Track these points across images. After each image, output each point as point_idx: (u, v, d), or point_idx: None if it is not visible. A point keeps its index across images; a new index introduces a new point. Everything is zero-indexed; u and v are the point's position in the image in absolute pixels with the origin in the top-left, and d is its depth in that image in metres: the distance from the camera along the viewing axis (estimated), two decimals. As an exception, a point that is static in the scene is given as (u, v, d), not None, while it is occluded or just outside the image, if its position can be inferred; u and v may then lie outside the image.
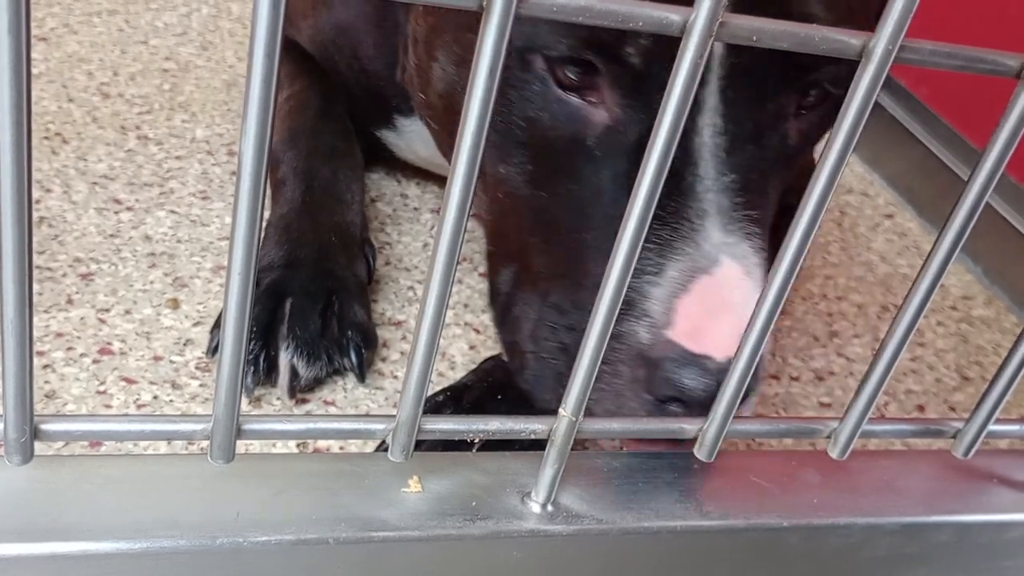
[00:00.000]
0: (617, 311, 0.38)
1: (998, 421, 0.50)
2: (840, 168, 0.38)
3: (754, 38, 0.34)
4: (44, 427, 0.37)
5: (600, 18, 0.33)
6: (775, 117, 0.55)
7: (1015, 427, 0.52)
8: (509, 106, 0.56)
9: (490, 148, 0.58)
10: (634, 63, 0.51)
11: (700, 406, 0.51)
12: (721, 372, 0.49)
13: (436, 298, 0.37)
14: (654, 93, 0.51)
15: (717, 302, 0.51)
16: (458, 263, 0.36)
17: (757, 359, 0.42)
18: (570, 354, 0.55)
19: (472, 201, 0.34)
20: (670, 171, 0.39)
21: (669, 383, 0.51)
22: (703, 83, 0.51)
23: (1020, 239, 1.01)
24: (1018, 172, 1.02)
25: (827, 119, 0.59)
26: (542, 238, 0.58)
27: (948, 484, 0.53)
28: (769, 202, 0.57)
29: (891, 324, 0.44)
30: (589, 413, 0.50)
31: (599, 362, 0.40)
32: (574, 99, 0.53)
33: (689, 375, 0.50)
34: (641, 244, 0.37)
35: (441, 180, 0.96)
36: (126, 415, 0.64)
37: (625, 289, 0.38)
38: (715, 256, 0.52)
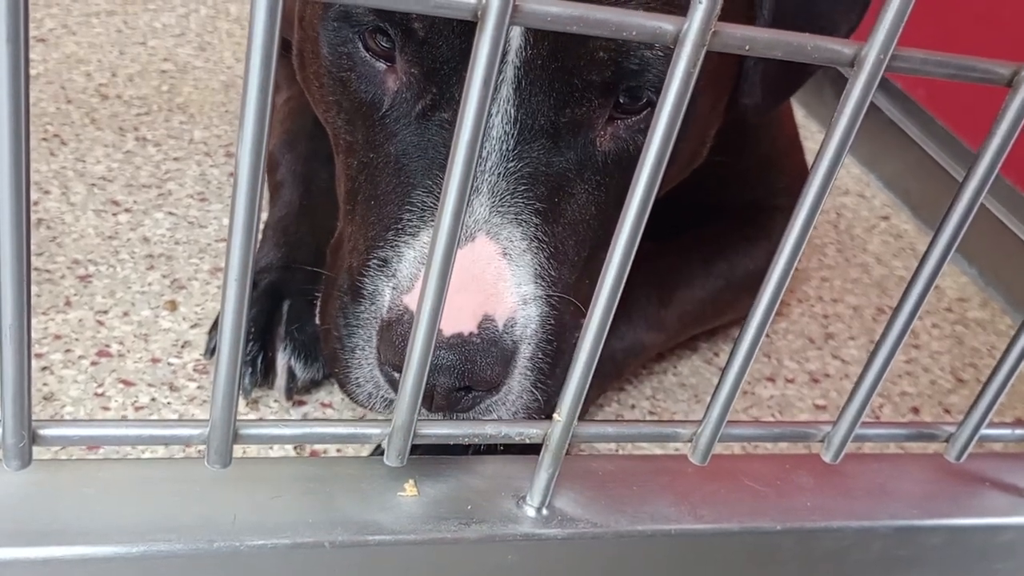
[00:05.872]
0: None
1: (991, 425, 0.50)
2: (833, 174, 0.38)
3: (746, 47, 0.34)
4: (42, 432, 0.37)
5: (594, 27, 0.33)
6: (579, 118, 0.54)
7: (1007, 431, 0.52)
8: (328, 71, 0.57)
9: (327, 121, 0.61)
10: (417, 31, 0.52)
11: (448, 400, 0.51)
12: (450, 348, 0.49)
13: (432, 302, 0.37)
14: (436, 61, 0.52)
15: (460, 276, 0.51)
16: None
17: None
18: (360, 338, 0.55)
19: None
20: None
21: (393, 349, 0.51)
22: (498, 72, 0.51)
23: (1016, 242, 1.02)
24: (1014, 176, 1.02)
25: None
26: (350, 209, 0.59)
27: (941, 487, 0.53)
28: (567, 203, 0.56)
29: (885, 327, 0.44)
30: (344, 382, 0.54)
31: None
32: (377, 62, 0.56)
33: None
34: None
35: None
36: (123, 420, 0.64)
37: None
38: (471, 231, 0.52)
